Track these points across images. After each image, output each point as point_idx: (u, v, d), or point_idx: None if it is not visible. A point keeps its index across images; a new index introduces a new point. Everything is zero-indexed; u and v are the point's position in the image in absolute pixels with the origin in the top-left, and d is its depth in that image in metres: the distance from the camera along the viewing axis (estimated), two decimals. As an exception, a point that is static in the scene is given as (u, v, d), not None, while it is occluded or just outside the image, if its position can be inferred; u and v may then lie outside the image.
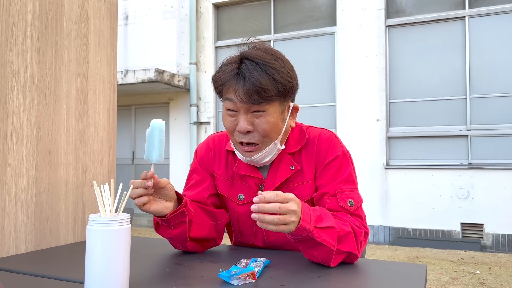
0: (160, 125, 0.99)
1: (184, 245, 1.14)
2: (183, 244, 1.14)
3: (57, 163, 1.36)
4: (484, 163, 5.51)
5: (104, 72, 1.56)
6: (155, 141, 0.99)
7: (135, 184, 0.99)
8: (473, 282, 3.78)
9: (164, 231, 1.12)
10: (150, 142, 1.00)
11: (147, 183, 0.98)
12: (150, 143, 1.00)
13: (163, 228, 1.12)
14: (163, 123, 0.99)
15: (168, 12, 7.55)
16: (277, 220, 0.89)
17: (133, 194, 0.99)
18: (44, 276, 0.97)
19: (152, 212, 1.04)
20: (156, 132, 0.99)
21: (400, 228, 5.80)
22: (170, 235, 1.12)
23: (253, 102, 1.06)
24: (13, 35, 1.21)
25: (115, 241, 0.81)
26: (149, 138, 1.00)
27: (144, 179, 0.99)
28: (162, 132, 0.99)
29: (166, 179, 1.04)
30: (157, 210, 1.04)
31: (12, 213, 1.21)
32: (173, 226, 1.10)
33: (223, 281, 0.90)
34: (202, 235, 1.17)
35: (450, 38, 5.78)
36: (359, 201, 1.12)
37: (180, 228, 1.10)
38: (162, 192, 1.04)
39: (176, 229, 1.10)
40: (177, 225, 1.09)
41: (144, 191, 0.99)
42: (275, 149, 1.15)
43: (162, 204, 1.05)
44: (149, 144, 1.00)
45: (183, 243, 1.14)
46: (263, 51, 1.11)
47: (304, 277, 0.95)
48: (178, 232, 1.11)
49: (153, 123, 0.99)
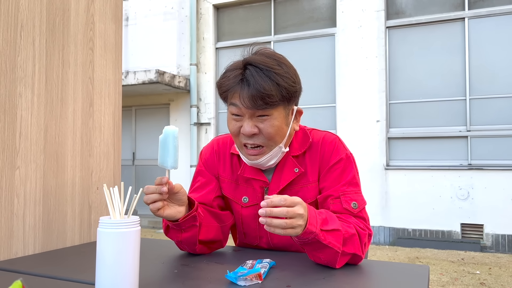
0: (174, 131, 1.00)
1: (193, 248, 1.16)
2: (192, 247, 1.16)
3: (64, 165, 1.38)
4: (484, 163, 5.53)
5: (110, 76, 1.58)
6: (170, 147, 1.00)
7: (149, 189, 1.00)
8: (473, 282, 3.80)
9: (174, 234, 1.14)
10: (164, 148, 1.01)
11: (162, 189, 1.00)
12: (164, 150, 1.01)
13: (174, 232, 1.13)
14: (176, 130, 1.01)
15: (169, 13, 7.57)
16: (285, 224, 0.91)
17: (148, 200, 1.00)
18: (54, 278, 0.98)
19: (166, 217, 1.05)
20: (170, 139, 1.00)
21: (400, 228, 5.82)
22: (180, 238, 1.13)
23: (258, 107, 1.08)
24: (22, 40, 1.23)
25: (126, 243, 0.83)
26: (163, 145, 1.01)
27: (159, 185, 1.01)
28: (176, 138, 1.00)
29: (179, 184, 1.05)
30: (171, 215, 1.05)
31: (21, 215, 1.22)
32: (184, 230, 1.11)
33: (230, 282, 0.92)
34: (210, 237, 1.19)
35: (450, 39, 5.81)
36: (362, 203, 1.14)
37: (191, 232, 1.12)
38: (175, 197, 1.06)
39: (186, 233, 1.12)
40: (188, 228, 1.11)
41: (159, 197, 1.01)
42: (280, 152, 1.17)
43: (175, 208, 1.06)
44: (163, 150, 1.01)
45: (192, 246, 1.16)
46: (267, 56, 1.13)
47: (310, 278, 0.97)
48: (189, 236, 1.12)
49: (167, 129, 1.01)
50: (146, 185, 1.02)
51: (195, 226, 1.11)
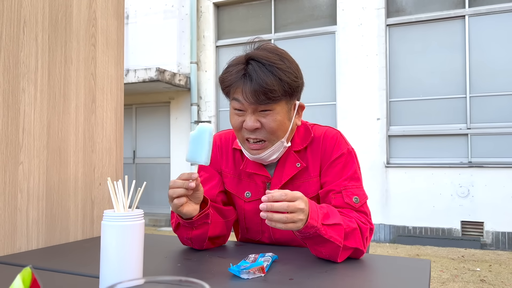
0: (210, 128, 1.02)
1: (201, 244, 1.16)
2: (201, 244, 1.16)
3: (67, 161, 1.38)
4: (484, 161, 5.54)
5: (112, 72, 1.58)
6: (205, 143, 1.02)
7: (176, 183, 1.00)
8: (473, 279, 3.81)
9: (184, 231, 1.14)
10: (199, 144, 1.02)
11: (190, 184, 1.00)
12: (198, 145, 1.02)
13: (184, 229, 1.13)
14: (212, 127, 1.03)
15: (169, 12, 7.56)
16: (285, 218, 0.91)
17: (174, 194, 1.00)
18: (58, 271, 0.99)
19: (185, 214, 1.05)
20: (207, 135, 1.02)
21: (401, 226, 5.83)
22: (190, 235, 1.13)
23: (260, 102, 1.08)
24: (24, 36, 1.24)
25: (130, 236, 0.83)
26: (197, 141, 1.02)
27: (185, 180, 1.00)
28: (211, 135, 1.03)
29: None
30: (188, 212, 1.05)
31: (24, 210, 1.23)
32: (196, 227, 1.11)
33: (234, 275, 0.93)
34: (216, 233, 1.19)
35: (450, 37, 5.81)
36: (364, 198, 1.15)
37: (202, 229, 1.12)
38: (195, 194, 1.06)
39: (197, 230, 1.12)
40: (200, 226, 1.11)
41: (185, 192, 1.01)
42: (282, 146, 1.18)
43: (192, 206, 1.06)
44: (197, 146, 1.02)
45: (201, 243, 1.15)
46: (269, 51, 1.13)
47: (312, 272, 0.97)
48: (199, 233, 1.12)
49: (203, 126, 1.03)
50: (172, 179, 1.02)
51: (206, 224, 1.11)
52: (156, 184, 7.60)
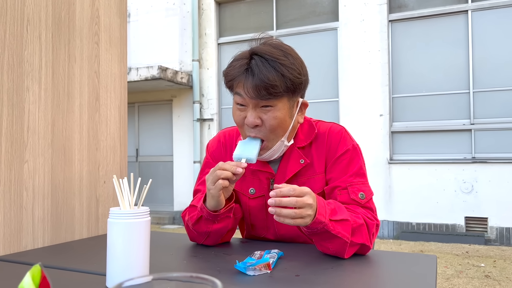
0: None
1: (217, 239, 1.16)
2: (217, 239, 1.17)
3: (71, 159, 1.39)
4: (487, 157, 5.52)
5: (115, 70, 1.58)
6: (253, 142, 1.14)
7: (225, 166, 1.03)
8: (478, 275, 3.80)
9: (204, 225, 1.13)
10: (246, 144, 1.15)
11: (238, 169, 1.02)
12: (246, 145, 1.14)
13: (205, 223, 1.13)
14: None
15: (170, 9, 7.55)
16: (294, 214, 0.91)
17: (221, 174, 1.02)
18: (65, 269, 0.99)
19: (220, 201, 1.07)
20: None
21: (404, 222, 5.82)
22: (210, 229, 1.13)
23: (262, 97, 1.08)
24: (28, 34, 1.24)
25: (136, 234, 0.84)
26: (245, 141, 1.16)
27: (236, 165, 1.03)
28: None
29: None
30: (221, 202, 1.07)
31: (30, 208, 1.23)
32: (218, 221, 1.11)
33: (240, 272, 0.93)
34: (229, 227, 1.19)
35: (453, 32, 5.78)
36: (370, 194, 1.14)
37: (224, 223, 1.13)
38: (229, 187, 1.08)
39: (219, 224, 1.12)
40: (222, 220, 1.12)
41: (231, 176, 1.03)
42: (283, 145, 1.17)
43: (223, 198, 1.08)
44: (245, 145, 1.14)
45: (218, 238, 1.16)
46: (273, 47, 1.13)
47: (318, 268, 0.97)
48: (220, 227, 1.13)
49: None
50: (221, 161, 1.05)
51: (229, 218, 1.13)
52: (159, 182, 7.61)
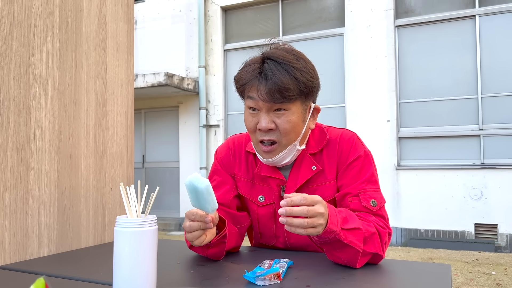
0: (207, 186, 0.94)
1: (217, 259, 1.13)
2: (216, 259, 1.13)
3: (78, 166, 1.37)
4: (497, 162, 5.45)
5: (122, 76, 1.57)
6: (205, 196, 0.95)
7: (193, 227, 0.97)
8: (489, 283, 3.73)
9: (200, 250, 1.11)
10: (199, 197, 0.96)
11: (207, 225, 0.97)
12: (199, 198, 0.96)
13: (199, 249, 1.10)
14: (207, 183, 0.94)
15: (177, 16, 7.59)
16: (306, 223, 0.89)
17: (193, 238, 0.98)
18: (71, 278, 0.97)
19: (205, 243, 1.02)
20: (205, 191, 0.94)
21: (413, 229, 5.75)
22: (206, 253, 1.10)
23: (275, 101, 1.06)
24: (35, 40, 1.23)
25: (143, 242, 0.81)
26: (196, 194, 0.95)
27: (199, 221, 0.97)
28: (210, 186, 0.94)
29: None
30: (208, 240, 1.02)
31: (36, 216, 1.22)
32: (212, 247, 1.08)
33: (249, 282, 0.90)
34: (231, 246, 1.16)
35: (461, 37, 5.74)
36: (382, 201, 1.12)
37: (219, 248, 1.09)
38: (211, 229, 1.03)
39: (214, 249, 1.09)
40: (216, 245, 1.08)
41: (203, 232, 0.99)
42: (295, 149, 1.15)
43: (209, 232, 1.03)
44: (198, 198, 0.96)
45: (217, 258, 1.12)
46: (285, 51, 1.12)
47: (329, 278, 0.95)
48: (216, 251, 1.09)
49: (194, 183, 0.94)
50: (188, 222, 0.98)
51: (223, 243, 1.08)
52: (166, 188, 7.60)
